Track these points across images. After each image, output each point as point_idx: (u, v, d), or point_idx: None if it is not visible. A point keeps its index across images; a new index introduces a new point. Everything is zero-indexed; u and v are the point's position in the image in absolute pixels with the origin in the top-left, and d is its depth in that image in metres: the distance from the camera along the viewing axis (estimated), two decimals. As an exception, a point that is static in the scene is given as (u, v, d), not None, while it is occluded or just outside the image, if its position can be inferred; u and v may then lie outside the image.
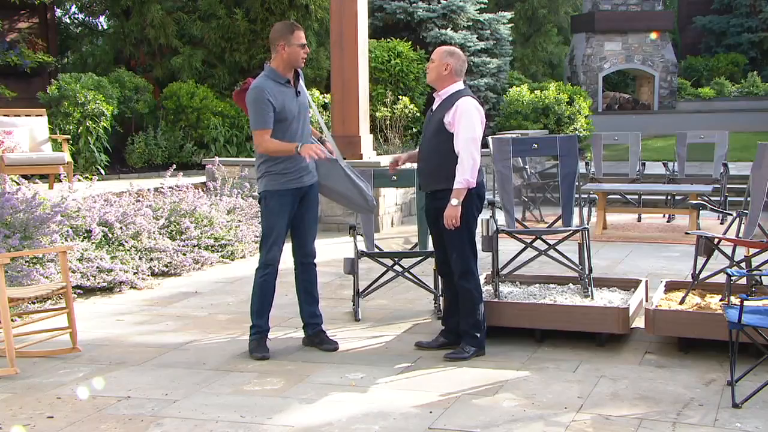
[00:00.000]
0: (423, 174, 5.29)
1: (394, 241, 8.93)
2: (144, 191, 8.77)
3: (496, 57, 15.99)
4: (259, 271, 5.26)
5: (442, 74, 5.08)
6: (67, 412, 4.38)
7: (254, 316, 5.28)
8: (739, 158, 12.27)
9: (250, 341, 5.28)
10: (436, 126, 5.10)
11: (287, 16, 14.08)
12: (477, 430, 4.03)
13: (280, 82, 5.08)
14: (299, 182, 5.18)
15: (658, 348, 5.26)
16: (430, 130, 5.18)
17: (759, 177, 5.76)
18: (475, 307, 5.16)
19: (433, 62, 5.13)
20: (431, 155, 5.15)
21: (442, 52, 5.12)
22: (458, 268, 5.14)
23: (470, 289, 5.15)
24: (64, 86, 11.96)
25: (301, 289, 5.46)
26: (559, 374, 4.83)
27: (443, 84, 5.11)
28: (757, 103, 20.71)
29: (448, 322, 5.39)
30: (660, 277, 6.28)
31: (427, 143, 5.18)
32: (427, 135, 5.21)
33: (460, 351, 5.13)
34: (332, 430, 4.08)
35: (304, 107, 5.24)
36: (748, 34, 23.93)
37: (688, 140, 11.09)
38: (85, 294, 6.89)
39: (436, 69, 5.10)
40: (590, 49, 20.94)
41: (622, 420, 4.13)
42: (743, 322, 4.28)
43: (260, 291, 5.25)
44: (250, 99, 5.05)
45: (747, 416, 4.16)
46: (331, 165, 5.33)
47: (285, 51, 5.04)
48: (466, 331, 5.18)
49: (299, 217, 5.28)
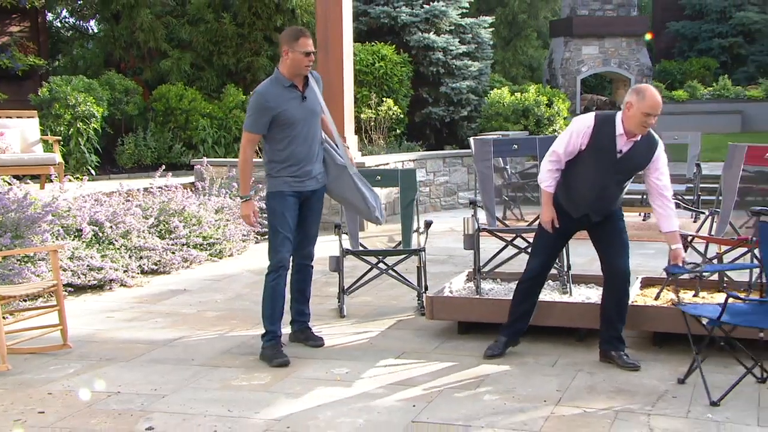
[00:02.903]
0: (600, 208, 4.85)
1: (379, 240, 8.92)
2: (134, 191, 8.71)
3: (478, 60, 16.00)
4: (269, 275, 5.08)
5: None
6: (57, 407, 4.35)
7: (267, 321, 5.09)
8: (711, 158, 12.33)
9: (264, 348, 5.07)
10: (633, 171, 4.81)
11: (274, 21, 14.04)
12: (459, 423, 4.03)
13: (285, 85, 4.98)
14: (301, 186, 5.07)
15: (633, 342, 5.28)
16: (623, 174, 4.78)
17: (730, 177, 5.80)
18: (626, 312, 4.93)
19: (657, 117, 4.63)
20: (618, 192, 4.85)
21: (661, 99, 4.62)
22: (627, 271, 4.85)
23: (629, 293, 4.93)
24: (55, 88, 11.87)
25: (295, 287, 5.37)
26: (539, 368, 4.84)
27: None
28: (728, 106, 20.84)
29: (521, 324, 5.07)
30: (636, 273, 6.29)
31: (616, 184, 4.80)
32: (617, 176, 4.77)
33: (628, 357, 4.83)
34: (318, 423, 4.07)
35: (312, 112, 5.08)
36: (718, 39, 24.10)
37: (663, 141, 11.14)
38: (75, 292, 6.85)
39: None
40: (568, 53, 21.01)
41: (599, 412, 4.15)
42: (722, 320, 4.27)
43: (271, 295, 5.08)
44: (250, 102, 5.03)
45: (718, 408, 4.18)
46: (341, 171, 5.25)
47: (289, 57, 4.94)
48: (620, 337, 4.87)
49: (301, 220, 5.18)
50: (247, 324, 5.89)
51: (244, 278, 7.50)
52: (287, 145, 5.00)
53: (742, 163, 5.66)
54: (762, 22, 23.84)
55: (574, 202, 4.83)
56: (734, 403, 4.23)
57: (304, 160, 5.05)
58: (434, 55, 15.15)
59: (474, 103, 15.74)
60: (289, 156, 5.01)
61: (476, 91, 15.84)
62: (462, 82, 15.41)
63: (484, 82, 16.17)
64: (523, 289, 5.06)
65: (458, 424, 4.03)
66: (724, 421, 4.01)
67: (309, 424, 4.07)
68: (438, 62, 15.23)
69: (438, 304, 5.57)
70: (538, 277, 5.03)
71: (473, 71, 15.66)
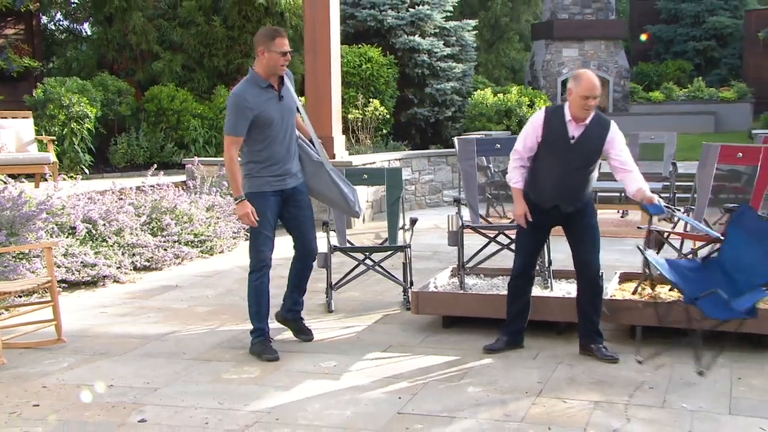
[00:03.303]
0: (566, 196, 4.82)
1: (365, 237, 8.92)
2: (126, 190, 8.66)
3: (462, 62, 16.01)
4: (252, 275, 5.04)
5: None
6: (52, 400, 4.32)
7: (254, 319, 5.06)
8: (686, 158, 12.38)
9: (254, 344, 5.04)
10: (590, 155, 4.75)
11: (263, 23, 13.98)
12: (443, 415, 4.03)
13: (262, 86, 4.88)
14: (282, 185, 5.00)
15: (612, 335, 5.30)
16: (579, 159, 4.73)
17: (704, 175, 5.83)
18: (601, 305, 4.94)
19: (597, 98, 4.63)
20: (579, 179, 4.79)
21: (598, 81, 4.64)
22: (598, 265, 4.85)
23: (602, 288, 4.93)
24: (49, 90, 11.80)
25: (293, 276, 5.31)
26: (520, 361, 4.85)
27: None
28: (703, 107, 20.96)
29: (517, 324, 5.07)
30: (614, 268, 6.33)
31: (576, 170, 4.75)
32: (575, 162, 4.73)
33: (606, 349, 4.84)
34: (306, 415, 4.06)
35: (289, 111, 5.01)
36: (693, 42, 24.23)
37: (640, 140, 11.18)
38: (69, 288, 6.80)
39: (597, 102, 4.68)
40: (549, 55, 21.05)
41: (578, 403, 4.16)
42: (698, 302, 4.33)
43: (255, 294, 5.04)
44: (229, 104, 4.89)
45: (691, 396, 4.21)
46: (317, 168, 5.18)
47: (265, 57, 4.85)
48: (597, 330, 4.89)
49: (293, 218, 5.12)
50: (238, 319, 5.87)
51: (235, 274, 7.48)
52: (267, 145, 4.91)
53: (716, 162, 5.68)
54: (733, 26, 23.99)
55: (542, 193, 4.86)
56: (707, 395, 4.25)
57: (283, 159, 4.98)
58: (419, 57, 15.15)
59: (458, 104, 15.76)
60: (269, 156, 4.93)
61: (460, 93, 15.86)
62: (446, 84, 15.42)
63: (467, 83, 16.19)
64: (511, 288, 5.09)
65: (442, 415, 4.03)
66: (697, 410, 4.03)
67: (297, 415, 4.06)
68: (423, 64, 15.23)
69: (423, 299, 5.57)
70: (523, 275, 5.03)
71: (457, 73, 15.67)
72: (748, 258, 4.67)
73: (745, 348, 4.97)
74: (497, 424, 3.90)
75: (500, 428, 3.86)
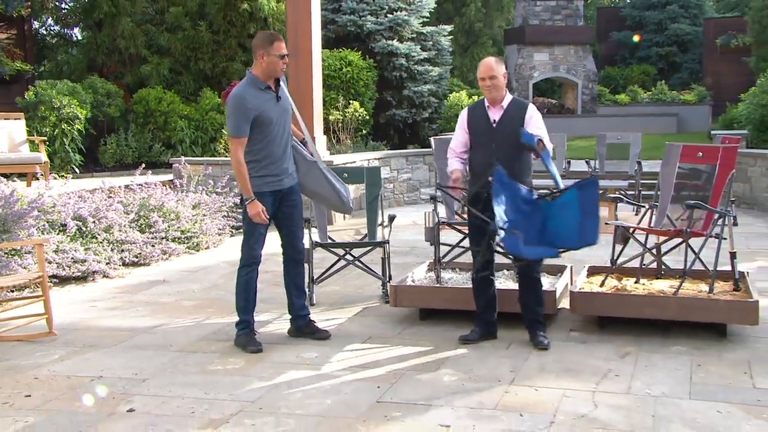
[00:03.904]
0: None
1: (346, 233, 8.89)
2: (115, 188, 8.59)
3: (438, 66, 16.02)
4: (242, 269, 5.01)
5: (503, 84, 4.83)
6: (43, 391, 4.28)
7: (240, 312, 5.04)
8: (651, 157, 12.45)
9: (239, 336, 5.01)
10: (513, 135, 4.76)
11: (247, 28, 13.93)
12: (420, 403, 4.03)
13: (261, 88, 4.86)
14: (279, 185, 4.97)
15: (580, 326, 5.33)
16: (505, 140, 4.79)
17: (667, 173, 5.86)
18: (542, 295, 4.98)
19: (494, 78, 4.77)
20: (509, 159, 4.79)
21: (497, 63, 4.83)
22: (533, 256, 4.85)
23: (539, 279, 4.99)
24: (40, 92, 11.67)
25: (292, 284, 5.24)
26: (494, 351, 4.86)
27: (504, 93, 4.86)
28: (665, 108, 21.13)
29: (487, 316, 5.09)
30: (583, 263, 6.36)
31: (503, 150, 4.79)
32: (501, 144, 4.80)
33: (543, 338, 4.87)
34: (289, 404, 4.04)
35: (286, 112, 5.00)
36: (656, 48, 24.44)
37: (607, 141, 11.24)
38: (60, 283, 6.74)
39: (500, 82, 4.80)
40: (521, 59, 21.12)
41: (549, 390, 4.18)
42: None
43: (244, 288, 5.01)
44: (230, 107, 4.82)
45: (655, 384, 4.24)
46: (310, 167, 5.16)
47: (264, 60, 4.83)
48: (538, 320, 4.95)
49: (286, 217, 5.08)
50: (223, 312, 5.84)
51: (220, 269, 7.44)
52: (266, 145, 4.88)
53: (678, 161, 5.71)
54: (693, 33, 24.22)
55: (479, 179, 4.89)
56: (669, 381, 4.29)
57: (280, 158, 4.96)
58: (397, 61, 15.14)
59: (435, 106, 15.77)
60: (267, 155, 4.90)
61: (437, 95, 15.87)
62: (423, 86, 15.43)
63: (443, 86, 16.20)
64: (475, 282, 5.12)
65: (420, 403, 4.03)
66: (660, 396, 4.06)
67: (280, 404, 4.04)
68: (401, 67, 15.22)
69: (401, 292, 5.57)
70: (481, 269, 5.04)
71: (434, 76, 15.69)
72: (567, 221, 4.79)
73: (703, 337, 5.01)
74: (472, 411, 3.90)
75: (475, 415, 3.86)
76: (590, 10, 27.56)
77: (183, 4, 14.05)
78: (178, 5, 14.06)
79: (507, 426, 3.73)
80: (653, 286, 5.49)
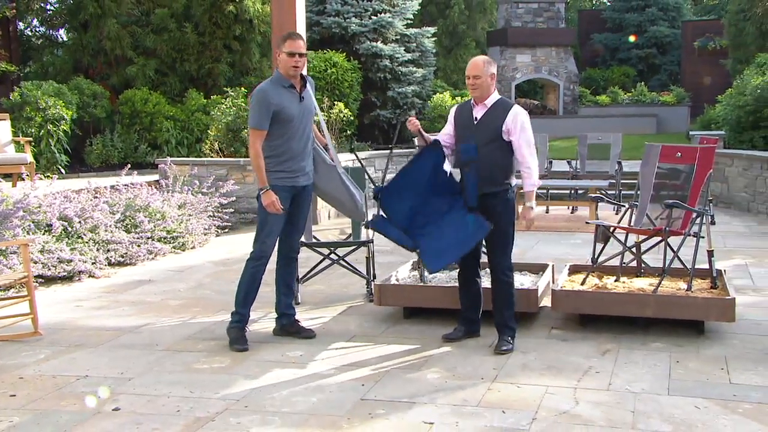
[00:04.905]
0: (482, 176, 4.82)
1: (331, 232, 8.88)
2: (101, 188, 8.53)
3: (422, 67, 16.04)
4: (250, 261, 4.98)
5: (489, 84, 4.84)
6: (28, 390, 4.24)
7: (239, 304, 5.00)
8: (631, 157, 12.53)
9: (231, 329, 4.98)
10: (492, 134, 4.79)
11: (233, 30, 13.89)
12: (404, 400, 4.03)
13: (284, 85, 4.90)
14: (294, 181, 4.98)
15: (562, 323, 5.35)
16: (484, 137, 4.80)
17: (646, 173, 5.89)
18: (513, 300, 4.93)
19: (479, 78, 4.79)
20: (488, 155, 4.79)
21: (485, 63, 4.84)
22: (503, 263, 4.87)
23: (511, 283, 4.94)
24: (26, 93, 11.58)
25: (281, 281, 5.22)
26: (477, 349, 4.87)
27: (489, 92, 4.87)
28: (645, 109, 21.27)
29: (470, 314, 5.09)
30: (565, 261, 6.38)
31: (483, 148, 4.78)
32: (480, 141, 4.80)
33: (504, 343, 4.81)
34: (274, 402, 4.03)
35: (308, 112, 5.02)
36: (636, 50, 24.60)
37: (588, 141, 11.31)
38: (46, 283, 6.68)
39: (485, 82, 4.81)
40: (504, 61, 21.17)
41: (531, 388, 4.19)
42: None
43: (249, 281, 4.97)
44: (253, 100, 4.90)
45: (635, 380, 4.26)
46: (329, 170, 5.20)
47: (279, 58, 4.92)
48: (505, 323, 4.88)
49: (295, 215, 5.08)
50: (209, 311, 5.81)
51: (206, 269, 7.40)
52: (285, 141, 4.91)
53: (657, 161, 5.74)
54: (672, 36, 24.40)
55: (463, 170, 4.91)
56: (649, 377, 4.31)
57: (299, 155, 4.97)
58: (382, 62, 15.14)
59: (418, 106, 15.78)
60: (285, 151, 4.92)
61: (420, 96, 15.89)
62: (407, 87, 15.44)
63: (427, 87, 16.22)
64: (460, 281, 5.12)
65: (404, 401, 4.03)
66: (640, 392, 4.09)
67: (266, 402, 4.03)
68: (385, 69, 15.22)
69: (385, 291, 5.56)
70: (465, 269, 5.05)
71: (418, 77, 15.70)
72: (449, 235, 4.84)
73: (682, 334, 5.05)
74: (455, 409, 3.91)
75: (458, 412, 3.86)
76: (572, 13, 27.68)
77: (168, 5, 13.98)
78: (163, 7, 13.99)
79: (490, 422, 3.73)
80: (633, 284, 5.52)
